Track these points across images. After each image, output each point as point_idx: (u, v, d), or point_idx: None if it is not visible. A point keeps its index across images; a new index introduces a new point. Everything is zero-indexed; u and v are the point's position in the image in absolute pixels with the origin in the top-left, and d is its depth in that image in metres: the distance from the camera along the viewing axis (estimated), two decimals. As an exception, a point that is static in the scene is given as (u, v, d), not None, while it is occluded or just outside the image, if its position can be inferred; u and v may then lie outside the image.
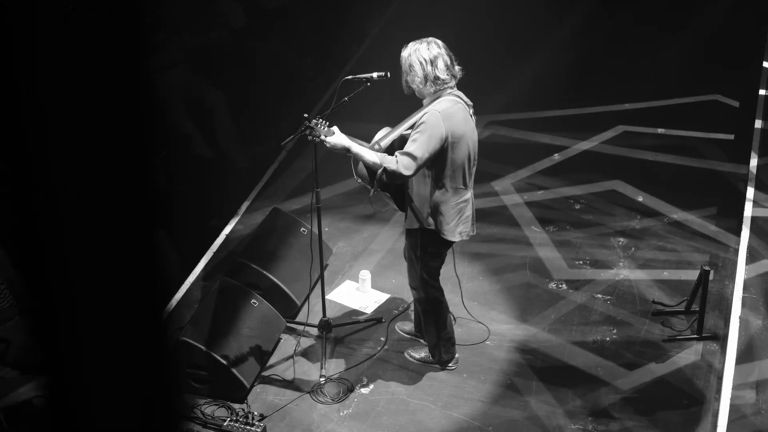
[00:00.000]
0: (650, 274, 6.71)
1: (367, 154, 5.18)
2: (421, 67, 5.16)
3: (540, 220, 7.37)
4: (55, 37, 1.32)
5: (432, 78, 5.17)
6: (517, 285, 6.65)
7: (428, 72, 5.17)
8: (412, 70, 5.19)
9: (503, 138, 8.49)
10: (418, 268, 5.56)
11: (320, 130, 5.21)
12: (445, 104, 5.18)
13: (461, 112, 5.22)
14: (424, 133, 5.10)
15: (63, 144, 1.37)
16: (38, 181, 1.39)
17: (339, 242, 7.15)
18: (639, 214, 7.38)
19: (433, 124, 5.10)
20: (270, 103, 8.58)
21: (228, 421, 5.48)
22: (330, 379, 5.82)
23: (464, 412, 5.59)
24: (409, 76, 5.22)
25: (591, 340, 6.13)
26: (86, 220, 1.43)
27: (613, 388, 5.72)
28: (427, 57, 5.16)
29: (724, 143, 8.27)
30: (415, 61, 5.17)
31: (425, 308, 5.76)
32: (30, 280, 1.47)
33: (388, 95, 6.06)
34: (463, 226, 5.42)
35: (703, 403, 5.60)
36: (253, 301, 5.94)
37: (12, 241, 1.44)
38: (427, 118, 5.13)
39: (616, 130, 8.58)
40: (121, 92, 1.40)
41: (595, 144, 8.39)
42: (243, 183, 7.99)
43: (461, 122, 5.20)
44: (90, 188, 1.41)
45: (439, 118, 5.11)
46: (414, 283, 5.68)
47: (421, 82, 5.19)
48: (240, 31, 8.74)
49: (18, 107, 1.35)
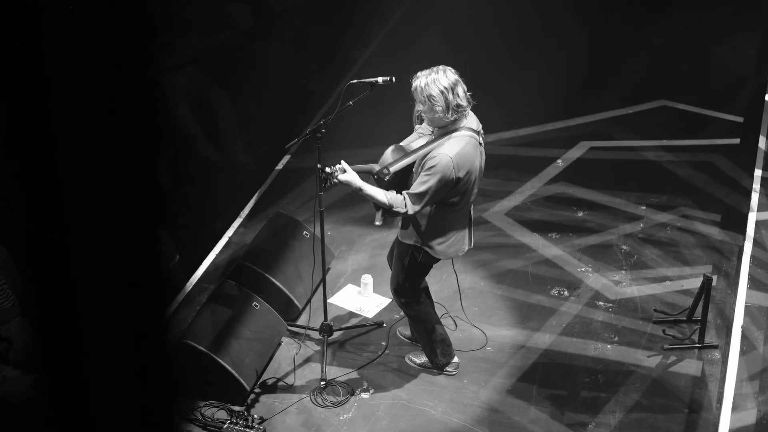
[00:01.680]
0: (652, 282, 6.70)
1: (376, 194, 5.17)
2: (443, 96, 5.04)
3: (542, 226, 7.36)
4: (62, 38, 1.33)
5: (454, 105, 5.07)
6: (518, 291, 6.65)
7: (450, 100, 5.05)
8: (432, 100, 5.06)
9: (505, 146, 8.48)
10: (402, 277, 5.59)
11: (335, 174, 5.21)
12: (458, 145, 5.12)
13: (472, 149, 5.19)
14: (434, 176, 5.07)
15: (68, 144, 1.38)
16: (42, 182, 1.39)
17: (341, 246, 7.15)
18: (642, 222, 7.38)
19: (445, 170, 5.06)
20: (275, 105, 8.58)
21: (228, 424, 5.48)
22: (330, 383, 5.81)
23: (464, 417, 5.59)
24: (427, 106, 5.10)
25: (592, 347, 6.12)
26: (90, 221, 1.43)
27: (613, 396, 5.72)
28: (447, 85, 5.05)
29: (729, 151, 8.26)
30: (435, 91, 5.04)
31: (409, 313, 5.81)
32: (33, 279, 1.48)
33: (393, 100, 6.06)
34: (457, 245, 5.46)
35: (704, 411, 5.60)
36: (254, 304, 5.94)
37: (15, 241, 1.44)
38: (439, 161, 5.06)
39: (620, 135, 8.58)
40: (127, 92, 1.41)
41: (597, 151, 8.38)
42: (247, 185, 7.99)
43: (472, 161, 5.18)
44: (94, 188, 1.41)
45: (451, 164, 5.06)
46: (396, 289, 5.70)
47: (443, 111, 5.07)
48: (247, 32, 8.75)
49: (23, 107, 1.35)
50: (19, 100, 1.35)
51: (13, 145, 1.37)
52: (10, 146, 1.37)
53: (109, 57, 1.37)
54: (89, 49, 1.35)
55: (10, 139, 1.37)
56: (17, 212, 1.41)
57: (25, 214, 1.41)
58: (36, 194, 1.40)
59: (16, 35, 1.31)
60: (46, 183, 1.39)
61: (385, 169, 5.23)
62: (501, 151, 8.29)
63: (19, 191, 1.40)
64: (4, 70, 1.33)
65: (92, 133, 1.39)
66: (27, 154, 1.38)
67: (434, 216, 5.30)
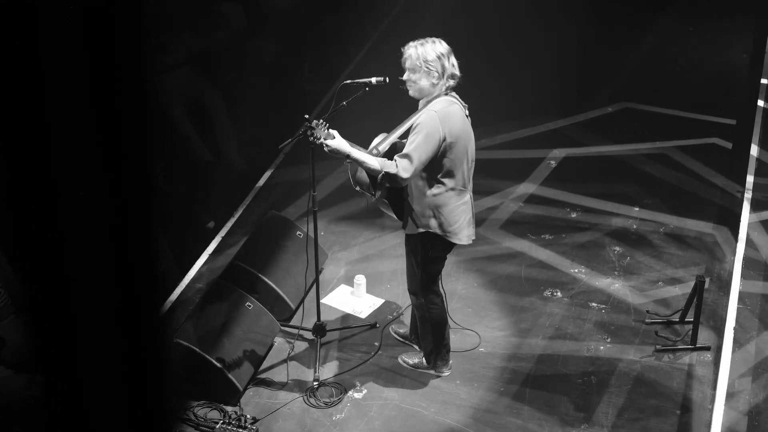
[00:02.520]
0: (645, 283, 6.71)
1: (367, 159, 5.13)
2: (440, 61, 5.08)
3: (535, 227, 7.37)
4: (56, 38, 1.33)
5: (449, 73, 5.12)
6: (511, 292, 6.65)
7: (446, 66, 5.10)
8: (428, 66, 5.08)
9: (498, 146, 8.48)
10: (419, 272, 5.54)
11: (321, 131, 5.17)
12: (442, 104, 5.15)
13: (458, 112, 5.19)
14: (420, 133, 5.07)
15: (61, 143, 1.38)
16: (36, 181, 1.39)
17: (334, 246, 7.15)
18: (635, 224, 7.39)
19: (430, 125, 5.08)
20: (268, 105, 8.58)
21: (220, 424, 5.47)
22: (323, 383, 5.82)
23: (457, 418, 5.59)
24: (420, 73, 5.11)
25: (585, 348, 6.13)
26: (83, 220, 1.43)
27: (606, 397, 5.72)
28: (444, 51, 5.11)
29: (723, 153, 8.28)
30: (432, 56, 5.07)
31: (423, 314, 5.72)
32: (25, 279, 1.48)
33: (385, 100, 6.06)
34: (468, 229, 5.41)
35: (696, 413, 5.61)
36: (247, 304, 5.94)
37: (8, 240, 1.44)
38: (424, 119, 5.10)
39: (613, 138, 8.59)
40: (120, 93, 1.41)
41: (591, 152, 8.40)
42: (240, 185, 7.99)
43: (458, 122, 5.18)
44: (87, 188, 1.41)
45: (435, 118, 5.08)
46: (414, 288, 5.66)
47: (438, 77, 5.11)
48: (240, 33, 8.74)
49: (17, 107, 1.35)
50: (12, 99, 1.35)
51: (6, 145, 1.37)
52: (3, 145, 1.37)
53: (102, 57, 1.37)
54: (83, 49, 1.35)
55: (2, 139, 1.37)
56: (10, 211, 1.41)
57: (17, 214, 1.41)
58: (29, 193, 1.40)
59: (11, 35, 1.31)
60: (39, 182, 1.39)
61: (374, 150, 5.24)
62: (494, 151, 8.30)
63: (11, 190, 1.40)
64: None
65: (86, 133, 1.39)
66: (20, 154, 1.38)
67: (434, 197, 5.26)
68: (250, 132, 8.46)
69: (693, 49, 10.09)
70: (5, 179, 1.39)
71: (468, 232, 5.41)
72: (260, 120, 8.45)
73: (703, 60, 9.88)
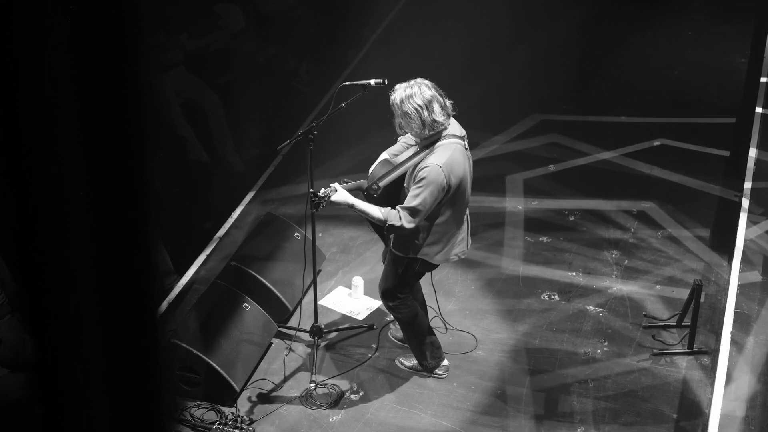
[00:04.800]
0: (643, 287, 6.71)
1: (370, 211, 5.18)
2: (418, 114, 5.07)
3: (534, 230, 7.37)
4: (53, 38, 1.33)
5: (429, 122, 5.09)
6: (509, 295, 6.65)
7: (425, 118, 5.07)
8: (407, 117, 5.10)
9: (497, 150, 8.48)
10: (394, 283, 5.58)
11: (327, 195, 5.19)
12: (446, 153, 5.14)
13: (460, 156, 5.21)
14: (426, 188, 5.08)
15: (57, 144, 1.37)
16: (32, 181, 1.39)
17: (332, 248, 7.15)
18: (633, 227, 7.39)
19: (436, 180, 5.08)
20: (266, 107, 8.57)
21: (217, 425, 5.47)
22: (320, 384, 5.81)
23: (454, 420, 5.59)
24: (404, 121, 5.15)
25: (582, 351, 6.13)
26: (80, 220, 1.43)
27: (603, 401, 5.72)
28: (422, 103, 5.06)
29: (719, 159, 8.28)
30: (410, 109, 5.07)
31: (398, 316, 5.79)
32: (22, 279, 1.47)
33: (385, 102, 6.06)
34: (457, 248, 5.47)
35: (693, 417, 5.61)
36: (245, 305, 5.94)
37: (4, 241, 1.44)
38: (429, 173, 5.09)
39: (613, 142, 8.59)
40: (118, 93, 1.40)
41: (591, 156, 8.39)
42: (238, 186, 7.99)
43: (461, 167, 5.20)
44: (84, 188, 1.41)
45: (441, 173, 5.08)
46: (385, 293, 5.69)
47: (419, 128, 5.12)
48: (238, 34, 8.74)
49: (12, 107, 1.35)
50: (8, 98, 1.34)
51: (2, 144, 1.37)
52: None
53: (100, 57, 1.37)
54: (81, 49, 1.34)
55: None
56: (6, 212, 1.41)
57: (14, 214, 1.41)
58: (26, 194, 1.40)
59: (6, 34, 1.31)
60: (35, 182, 1.39)
61: (375, 184, 5.24)
62: (492, 155, 8.30)
63: (8, 190, 1.39)
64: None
65: (82, 133, 1.38)
66: (16, 154, 1.38)
67: (428, 226, 5.29)
68: (248, 133, 8.46)
69: (692, 54, 10.08)
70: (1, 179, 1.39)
71: (457, 250, 5.47)
72: (258, 121, 8.45)
73: (701, 64, 9.87)
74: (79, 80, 1.36)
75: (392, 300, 5.65)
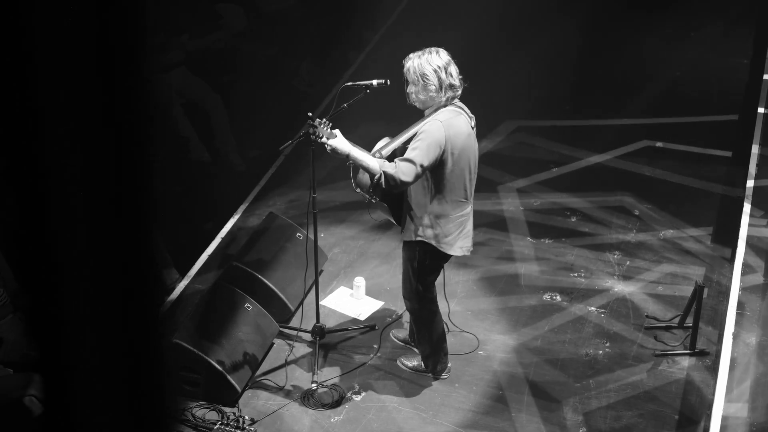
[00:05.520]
0: (644, 288, 6.71)
1: (366, 160, 5.13)
2: (436, 74, 5.09)
3: (535, 231, 7.36)
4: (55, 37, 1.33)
5: (447, 84, 5.11)
6: (510, 296, 6.65)
7: (443, 79, 5.10)
8: (425, 79, 5.10)
9: (500, 149, 8.48)
10: (414, 280, 5.55)
11: (323, 130, 5.17)
12: (448, 114, 5.16)
13: (463, 123, 5.20)
14: (424, 141, 5.07)
15: (60, 144, 1.37)
16: (34, 181, 1.39)
17: (334, 248, 7.15)
18: (635, 229, 7.38)
19: (434, 133, 5.08)
20: (268, 107, 8.58)
21: (218, 425, 5.47)
22: (322, 385, 5.81)
23: (455, 421, 5.59)
24: (419, 86, 5.14)
25: (584, 352, 6.12)
26: (82, 220, 1.43)
27: (604, 402, 5.72)
28: (441, 64, 5.11)
29: (721, 159, 8.27)
30: (428, 70, 5.09)
31: (418, 319, 5.74)
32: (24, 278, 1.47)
33: (387, 102, 6.06)
34: (462, 240, 5.40)
35: (695, 418, 5.61)
36: (246, 305, 5.94)
37: (7, 240, 1.44)
38: (428, 126, 5.10)
39: (615, 143, 8.58)
40: (119, 93, 1.40)
41: (593, 158, 8.39)
42: (240, 187, 7.99)
43: (463, 133, 5.18)
44: (86, 188, 1.41)
45: (440, 127, 5.09)
46: (408, 294, 5.66)
47: (436, 90, 5.12)
48: (240, 34, 8.75)
49: (15, 106, 1.35)
50: (9, 99, 1.34)
51: (4, 144, 1.37)
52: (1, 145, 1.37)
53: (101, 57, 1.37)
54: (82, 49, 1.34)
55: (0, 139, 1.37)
56: (7, 211, 1.41)
57: (15, 213, 1.41)
58: (27, 193, 1.40)
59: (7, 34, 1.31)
60: (37, 182, 1.39)
61: (377, 153, 5.23)
62: (495, 154, 8.29)
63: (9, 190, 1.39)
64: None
65: (84, 133, 1.38)
66: (18, 154, 1.38)
67: (434, 207, 5.26)
68: (249, 133, 8.46)
69: (694, 55, 10.07)
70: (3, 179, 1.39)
71: (463, 243, 5.41)
72: (260, 121, 8.45)
73: (703, 65, 9.86)
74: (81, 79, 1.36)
75: (416, 302, 5.62)
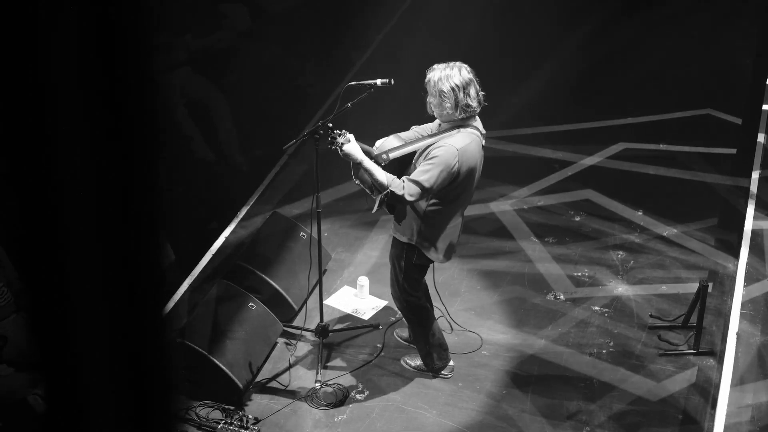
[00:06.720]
0: (648, 288, 6.70)
1: (377, 173, 5.12)
2: (453, 93, 5.06)
3: (539, 231, 7.36)
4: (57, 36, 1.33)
5: (464, 105, 5.09)
6: (514, 296, 6.65)
7: (460, 99, 5.08)
8: (442, 96, 5.08)
9: (504, 149, 8.47)
10: (401, 278, 5.57)
11: (338, 139, 5.16)
12: (464, 140, 5.13)
13: (476, 147, 5.20)
14: (437, 167, 5.06)
15: (63, 143, 1.37)
16: (38, 181, 1.39)
17: (338, 248, 7.15)
18: (638, 228, 7.38)
19: (449, 160, 5.07)
20: (272, 107, 8.58)
21: (222, 424, 5.47)
22: (325, 384, 5.81)
23: (459, 420, 5.59)
24: (437, 100, 5.12)
25: (587, 352, 6.12)
26: (86, 220, 1.43)
27: (608, 402, 5.72)
28: (460, 83, 5.07)
29: (725, 158, 8.26)
30: (446, 87, 5.06)
31: (409, 317, 5.78)
32: (28, 277, 1.47)
33: (392, 102, 6.06)
34: (449, 249, 5.47)
35: (699, 418, 5.60)
36: (250, 305, 5.94)
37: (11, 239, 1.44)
38: (444, 152, 5.07)
39: (617, 145, 8.57)
40: (123, 92, 1.40)
41: (596, 158, 8.38)
42: (243, 186, 7.99)
43: (474, 158, 5.19)
44: (90, 188, 1.41)
45: (455, 155, 5.07)
46: (395, 293, 5.69)
47: (452, 108, 5.10)
48: (244, 34, 8.74)
49: (18, 106, 1.35)
50: (13, 98, 1.35)
51: (7, 144, 1.37)
52: (4, 145, 1.37)
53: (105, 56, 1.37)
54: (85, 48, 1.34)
55: (3, 138, 1.37)
56: (12, 211, 1.41)
57: (19, 213, 1.41)
58: (31, 193, 1.40)
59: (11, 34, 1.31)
60: (41, 182, 1.39)
61: (384, 154, 5.21)
62: (500, 153, 8.29)
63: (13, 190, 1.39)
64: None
65: (88, 133, 1.38)
66: (21, 153, 1.38)
67: (429, 215, 5.28)
68: (253, 132, 8.46)
69: (697, 54, 10.06)
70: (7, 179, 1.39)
71: (450, 251, 5.47)
72: (264, 121, 8.45)
73: (706, 64, 9.85)
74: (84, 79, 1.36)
75: (404, 299, 5.65)
